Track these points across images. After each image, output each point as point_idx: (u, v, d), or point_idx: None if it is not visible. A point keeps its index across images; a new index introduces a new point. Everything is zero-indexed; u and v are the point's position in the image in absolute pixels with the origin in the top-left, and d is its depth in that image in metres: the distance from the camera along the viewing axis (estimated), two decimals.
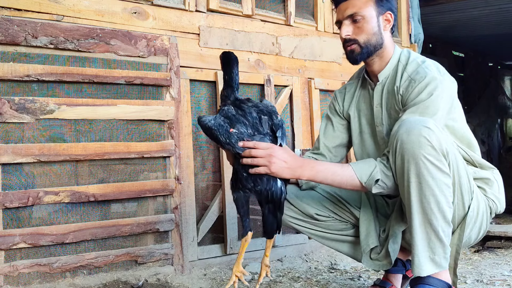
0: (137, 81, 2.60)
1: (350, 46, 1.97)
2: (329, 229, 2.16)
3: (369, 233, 2.07)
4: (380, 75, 2.03)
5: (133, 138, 2.60)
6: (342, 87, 2.25)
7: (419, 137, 1.71)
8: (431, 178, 1.72)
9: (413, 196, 1.75)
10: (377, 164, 1.85)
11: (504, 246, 3.46)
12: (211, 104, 2.94)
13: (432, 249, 1.77)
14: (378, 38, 1.97)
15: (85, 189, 2.42)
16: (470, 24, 6.56)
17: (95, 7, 2.54)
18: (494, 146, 9.12)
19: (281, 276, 2.74)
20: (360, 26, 1.95)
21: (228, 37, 3.00)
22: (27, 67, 2.30)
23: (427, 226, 1.76)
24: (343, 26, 1.97)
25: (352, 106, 2.16)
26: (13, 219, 2.27)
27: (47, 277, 2.31)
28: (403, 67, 1.99)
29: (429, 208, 1.74)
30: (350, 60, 2.02)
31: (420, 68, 1.93)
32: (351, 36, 1.96)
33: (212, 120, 1.80)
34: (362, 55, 1.97)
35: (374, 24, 1.96)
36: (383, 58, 2.02)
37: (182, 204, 2.73)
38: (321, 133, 2.23)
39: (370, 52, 1.97)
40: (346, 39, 1.97)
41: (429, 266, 1.77)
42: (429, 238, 1.77)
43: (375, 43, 1.97)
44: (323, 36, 3.47)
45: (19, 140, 2.29)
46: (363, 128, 2.13)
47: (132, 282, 2.44)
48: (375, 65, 2.03)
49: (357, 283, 2.57)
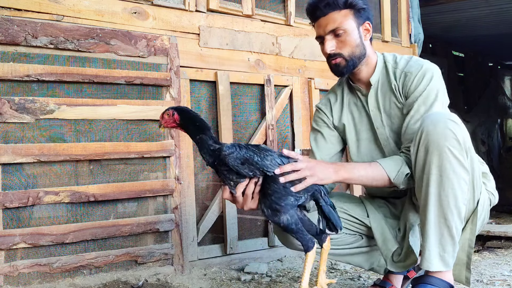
0: (137, 81, 2.60)
1: (335, 59, 1.99)
2: (339, 245, 2.12)
3: (386, 238, 2.06)
4: (372, 79, 2.06)
5: (133, 138, 2.60)
6: (324, 100, 2.25)
7: (445, 129, 1.71)
8: (452, 171, 1.72)
9: (432, 188, 1.74)
10: (403, 159, 1.89)
11: (504, 246, 3.46)
12: (211, 104, 2.94)
13: (443, 246, 1.76)
14: (361, 48, 2.01)
15: (85, 189, 2.42)
16: (470, 24, 6.56)
17: (95, 7, 2.54)
18: (494, 146, 9.12)
19: (281, 276, 2.74)
20: (343, 40, 1.97)
21: (228, 37, 3.00)
22: (27, 67, 2.30)
23: (441, 221, 1.76)
24: (326, 41, 1.99)
25: (344, 116, 2.16)
26: (13, 219, 2.27)
27: (47, 277, 2.31)
28: (392, 66, 2.04)
29: (446, 202, 1.73)
30: (336, 73, 2.05)
31: (411, 62, 2.00)
32: (335, 51, 1.98)
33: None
34: (348, 68, 2.00)
35: (356, 36, 1.99)
36: (369, 64, 2.06)
37: (182, 204, 2.73)
38: (314, 147, 2.22)
39: (355, 64, 2.01)
40: (331, 54, 1.99)
41: (438, 262, 1.77)
42: (441, 233, 1.76)
43: (359, 54, 2.00)
44: None
45: (19, 140, 2.29)
46: (360, 135, 2.14)
47: (132, 282, 2.44)
48: (362, 73, 2.07)
49: (357, 283, 2.57)
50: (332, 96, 2.23)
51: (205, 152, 1.81)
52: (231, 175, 1.76)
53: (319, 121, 2.22)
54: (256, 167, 1.73)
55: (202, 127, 1.82)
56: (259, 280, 2.63)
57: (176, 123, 1.84)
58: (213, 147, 1.80)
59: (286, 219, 1.75)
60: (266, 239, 3.08)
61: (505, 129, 10.18)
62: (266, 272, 2.77)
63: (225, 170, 1.77)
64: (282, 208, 1.74)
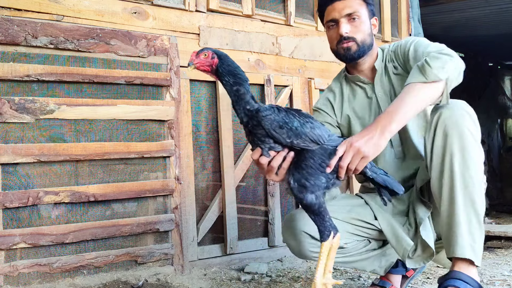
0: (137, 81, 2.60)
1: (347, 43, 2.02)
2: (351, 252, 2.07)
3: (398, 237, 1.99)
4: (377, 64, 2.10)
5: (133, 138, 2.60)
6: (323, 100, 2.24)
7: (462, 111, 1.73)
8: (474, 152, 1.71)
9: (457, 171, 1.70)
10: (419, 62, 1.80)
11: (504, 246, 3.47)
12: (211, 104, 2.94)
13: (472, 236, 1.70)
14: (371, 39, 2.07)
15: (85, 189, 2.42)
16: (470, 24, 6.56)
17: (95, 7, 2.54)
18: (494, 146, 9.12)
19: (281, 276, 2.74)
20: (358, 25, 2.01)
21: (228, 37, 3.00)
22: (27, 67, 2.30)
23: (468, 205, 1.71)
24: (341, 24, 2.01)
25: (346, 111, 2.16)
26: (13, 219, 2.27)
27: (47, 277, 2.31)
28: (385, 53, 2.12)
29: (472, 184, 1.69)
30: (346, 57, 2.06)
31: (396, 43, 2.12)
32: (349, 34, 2.01)
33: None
34: (358, 53, 2.03)
35: (368, 25, 2.06)
36: (372, 56, 2.11)
37: (182, 204, 2.73)
38: None
39: (365, 51, 2.04)
40: (345, 36, 2.01)
41: (470, 252, 1.68)
42: (470, 220, 1.70)
43: (369, 44, 2.05)
44: (323, 36, 3.45)
45: (19, 140, 2.29)
46: (367, 122, 2.10)
47: (132, 282, 2.44)
48: (366, 64, 2.11)
49: (357, 283, 2.57)
50: (330, 94, 2.24)
51: (241, 108, 1.65)
52: (267, 139, 1.62)
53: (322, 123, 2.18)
54: (295, 134, 1.60)
55: (242, 79, 1.66)
56: (259, 280, 2.64)
57: (212, 67, 1.68)
58: (250, 105, 1.64)
59: (311, 198, 1.63)
60: (266, 239, 3.08)
61: (505, 129, 10.17)
62: (266, 272, 2.77)
63: (260, 133, 1.62)
64: (311, 186, 1.62)
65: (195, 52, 1.68)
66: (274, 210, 3.09)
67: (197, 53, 1.67)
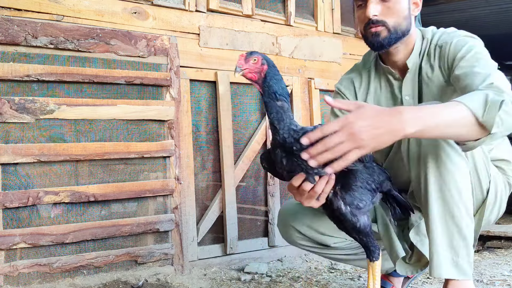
0: (137, 81, 2.60)
1: (376, 27, 1.69)
2: (346, 251, 1.99)
3: (392, 241, 1.85)
4: (409, 61, 1.78)
5: (133, 138, 2.60)
6: (347, 82, 1.97)
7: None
8: (450, 162, 1.51)
9: (431, 183, 1.53)
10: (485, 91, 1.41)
11: (504, 246, 3.46)
12: (211, 104, 2.94)
13: (455, 250, 1.53)
14: (408, 23, 1.73)
15: (85, 189, 2.42)
16: (470, 24, 6.56)
17: (95, 7, 2.54)
18: None
19: (281, 276, 2.74)
20: (391, 7, 1.69)
21: (228, 37, 3.00)
22: (27, 67, 2.30)
23: (448, 220, 1.53)
24: (370, 3, 1.68)
25: (369, 102, 1.89)
26: (13, 219, 2.27)
27: (47, 277, 2.31)
28: (428, 45, 1.76)
29: (450, 197, 1.51)
30: (373, 45, 1.74)
31: (445, 34, 1.75)
32: (378, 17, 1.69)
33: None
34: (389, 40, 1.70)
35: (405, 5, 1.71)
36: (408, 45, 1.78)
37: (182, 204, 2.73)
38: None
39: (398, 38, 1.72)
40: (373, 19, 1.69)
41: (450, 269, 1.53)
42: (451, 234, 1.53)
43: (404, 29, 1.72)
44: (323, 36, 3.47)
45: (19, 140, 2.29)
46: None
47: (132, 282, 2.44)
48: (399, 54, 1.78)
49: (357, 283, 2.57)
50: (357, 78, 1.94)
51: (284, 128, 1.43)
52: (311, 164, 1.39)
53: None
54: None
55: (286, 93, 1.47)
56: (259, 280, 2.64)
57: (260, 75, 1.47)
58: (294, 125, 1.44)
59: (364, 220, 1.50)
60: (266, 239, 3.08)
61: None
62: (266, 272, 2.77)
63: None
64: (365, 206, 1.49)
65: (243, 55, 1.45)
66: (274, 210, 3.09)
67: (245, 57, 1.45)
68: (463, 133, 1.38)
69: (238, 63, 1.44)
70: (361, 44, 1.91)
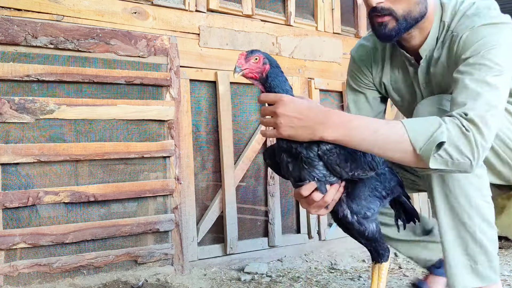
0: (137, 81, 2.60)
1: (382, 17, 1.47)
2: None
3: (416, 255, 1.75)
4: (422, 50, 1.57)
5: (133, 138, 2.60)
6: (362, 50, 1.77)
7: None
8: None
9: (436, 191, 1.44)
10: (445, 122, 1.26)
11: (504, 246, 3.46)
12: (211, 104, 2.94)
13: (471, 257, 1.44)
14: (422, 7, 1.48)
15: (85, 189, 2.42)
16: None
17: (95, 7, 2.54)
18: None
19: (281, 276, 2.74)
20: None
21: (228, 37, 3.00)
22: (27, 67, 2.30)
23: (460, 228, 1.44)
24: None
25: (385, 76, 1.73)
26: (13, 219, 2.27)
27: (47, 277, 2.31)
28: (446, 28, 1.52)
29: (457, 204, 1.42)
30: (380, 36, 1.53)
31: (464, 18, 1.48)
32: (384, 4, 1.45)
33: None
34: (398, 31, 1.49)
35: None
36: (424, 29, 1.54)
37: (182, 204, 2.73)
38: (353, 110, 1.77)
39: (408, 26, 1.49)
40: (378, 7, 1.45)
41: (468, 277, 1.43)
42: (464, 243, 1.44)
43: (417, 15, 1.48)
44: (323, 36, 3.47)
45: (19, 140, 2.29)
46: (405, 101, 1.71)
47: (132, 282, 2.44)
48: (414, 39, 1.57)
49: (357, 283, 2.57)
50: (372, 49, 1.75)
51: None
52: (325, 172, 1.37)
53: (358, 81, 1.78)
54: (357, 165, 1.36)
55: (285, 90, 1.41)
56: (259, 280, 2.64)
57: (261, 75, 1.39)
58: None
59: (373, 228, 1.44)
60: (266, 239, 3.08)
61: None
62: (266, 272, 2.77)
63: (318, 163, 1.36)
64: (373, 215, 1.43)
65: (243, 54, 1.37)
66: (274, 210, 3.09)
67: (246, 56, 1.37)
68: (396, 157, 1.30)
69: (237, 62, 1.37)
70: None
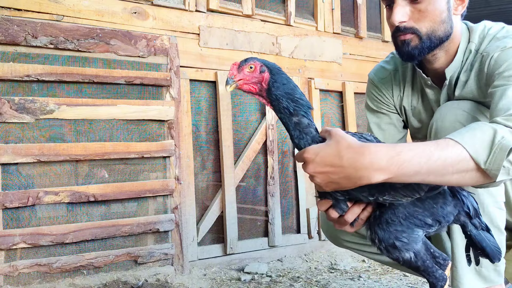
0: (137, 81, 2.60)
1: (404, 35, 1.42)
2: None
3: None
4: (448, 71, 1.49)
5: (133, 138, 2.60)
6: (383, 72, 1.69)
7: (454, 123, 1.35)
8: None
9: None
10: (496, 127, 1.11)
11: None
12: (211, 104, 2.94)
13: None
14: (447, 26, 1.43)
15: (85, 189, 2.42)
16: None
17: (95, 7, 2.54)
18: None
19: (281, 276, 2.74)
20: (423, 9, 1.40)
21: (228, 37, 3.00)
22: (27, 67, 2.30)
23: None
24: (396, 7, 1.40)
25: (404, 101, 1.65)
26: (13, 219, 2.27)
27: (47, 277, 2.31)
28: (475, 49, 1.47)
29: None
30: (403, 55, 1.47)
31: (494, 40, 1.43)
32: (407, 24, 1.41)
33: None
34: (421, 50, 1.43)
35: (443, 6, 1.41)
36: (450, 51, 1.48)
37: (182, 204, 2.73)
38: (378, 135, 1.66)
39: (433, 46, 1.44)
40: (401, 27, 1.41)
41: (473, 279, 1.41)
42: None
43: (442, 34, 1.43)
44: (323, 36, 3.47)
45: (19, 140, 2.29)
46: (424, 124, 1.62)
47: (132, 282, 2.44)
48: (438, 61, 1.50)
49: (357, 283, 2.57)
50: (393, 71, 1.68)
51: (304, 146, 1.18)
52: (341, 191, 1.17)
53: (379, 103, 1.69)
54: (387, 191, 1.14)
55: (304, 105, 1.19)
56: (259, 280, 2.63)
57: (261, 86, 1.20)
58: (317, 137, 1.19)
59: (408, 257, 1.21)
60: (266, 239, 3.08)
61: None
62: (266, 272, 2.77)
63: None
64: (405, 245, 1.19)
65: (235, 64, 1.20)
66: (274, 210, 3.09)
67: (239, 65, 1.19)
68: (454, 180, 1.11)
69: (229, 73, 1.19)
70: (361, 44, 1.88)
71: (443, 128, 1.37)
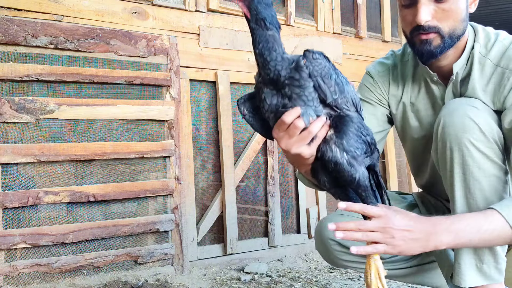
0: (137, 81, 2.60)
1: (427, 34, 1.42)
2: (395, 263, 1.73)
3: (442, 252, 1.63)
4: (456, 66, 1.51)
5: (133, 138, 2.60)
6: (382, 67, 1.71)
7: (463, 118, 1.36)
8: (477, 169, 1.37)
9: (457, 191, 1.42)
10: None
11: None
12: (211, 104, 2.94)
13: (479, 256, 1.43)
14: (465, 25, 1.46)
15: (85, 189, 2.42)
16: None
17: (95, 7, 2.54)
18: None
19: (281, 276, 2.74)
20: (447, 9, 1.40)
21: (228, 37, 3.00)
22: (27, 67, 2.30)
23: None
24: (421, 6, 1.40)
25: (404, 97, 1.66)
26: (13, 219, 2.27)
27: (47, 277, 2.31)
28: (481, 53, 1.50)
29: (475, 206, 1.40)
30: (423, 54, 1.47)
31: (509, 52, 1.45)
32: (431, 23, 1.41)
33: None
34: (442, 49, 1.44)
35: (463, 5, 1.44)
36: (458, 48, 1.50)
37: (182, 204, 2.73)
38: None
39: (451, 45, 1.45)
40: (425, 26, 1.41)
41: (474, 276, 1.43)
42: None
43: (460, 33, 1.45)
44: (323, 36, 3.47)
45: (19, 140, 2.29)
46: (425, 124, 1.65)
47: (132, 282, 2.44)
48: (447, 58, 1.51)
49: (357, 283, 2.57)
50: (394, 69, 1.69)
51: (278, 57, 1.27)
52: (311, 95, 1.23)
53: (369, 92, 1.71)
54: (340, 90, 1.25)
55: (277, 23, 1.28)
56: (259, 280, 2.64)
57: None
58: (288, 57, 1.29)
59: (363, 171, 1.30)
60: (266, 239, 3.08)
61: None
62: (266, 272, 2.77)
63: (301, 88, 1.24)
64: (359, 156, 1.29)
65: None
66: (274, 210, 3.09)
67: None
68: (496, 243, 1.36)
69: None
70: (361, 44, 1.87)
71: (451, 122, 1.39)
